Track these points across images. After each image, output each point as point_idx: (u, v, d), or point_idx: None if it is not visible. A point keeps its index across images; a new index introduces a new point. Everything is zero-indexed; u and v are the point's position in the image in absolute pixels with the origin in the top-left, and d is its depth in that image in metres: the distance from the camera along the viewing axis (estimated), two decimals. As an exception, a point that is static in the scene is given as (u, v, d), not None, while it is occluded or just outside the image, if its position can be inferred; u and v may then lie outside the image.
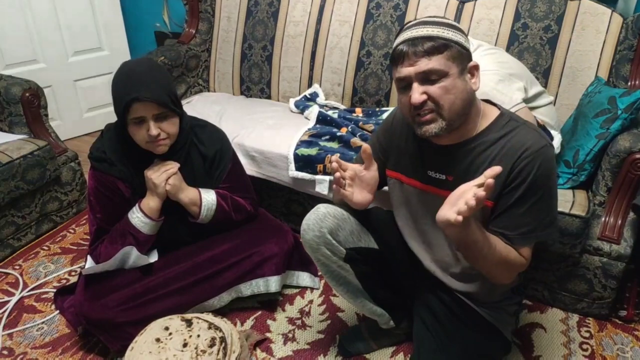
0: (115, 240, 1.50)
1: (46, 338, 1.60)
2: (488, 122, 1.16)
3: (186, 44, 2.54)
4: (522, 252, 1.15)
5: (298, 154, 1.86)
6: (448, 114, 1.07)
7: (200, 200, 1.53)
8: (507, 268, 1.15)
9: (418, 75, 1.06)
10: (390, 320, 1.46)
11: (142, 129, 1.38)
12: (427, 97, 1.06)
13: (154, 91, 1.34)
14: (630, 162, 1.47)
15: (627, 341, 1.54)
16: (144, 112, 1.35)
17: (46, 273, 1.91)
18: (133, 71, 1.37)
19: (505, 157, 1.11)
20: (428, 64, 1.04)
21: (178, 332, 1.39)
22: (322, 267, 1.34)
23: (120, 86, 1.36)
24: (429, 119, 1.08)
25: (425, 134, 1.10)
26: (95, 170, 1.51)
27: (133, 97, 1.32)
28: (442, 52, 1.05)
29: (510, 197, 1.11)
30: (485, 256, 1.09)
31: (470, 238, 1.05)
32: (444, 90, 1.06)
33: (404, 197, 1.32)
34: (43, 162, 2.02)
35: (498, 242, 1.11)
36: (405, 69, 1.07)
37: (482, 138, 1.15)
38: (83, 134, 3.17)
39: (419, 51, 1.04)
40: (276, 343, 1.57)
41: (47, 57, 2.90)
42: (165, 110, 1.38)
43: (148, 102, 1.33)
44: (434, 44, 1.04)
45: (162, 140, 1.41)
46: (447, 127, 1.09)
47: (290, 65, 2.42)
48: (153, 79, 1.37)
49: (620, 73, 1.81)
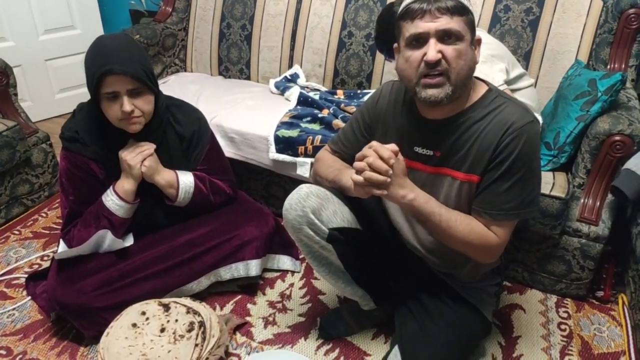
0: (89, 224, 1.46)
1: (17, 325, 1.55)
2: (477, 97, 1.16)
3: (162, 23, 2.48)
4: (497, 230, 1.15)
5: (279, 136, 1.83)
6: (455, 79, 1.06)
7: (178, 182, 1.50)
8: (477, 245, 1.15)
9: (438, 32, 1.03)
10: (372, 301, 1.46)
11: (116, 104, 1.33)
12: (441, 55, 1.04)
13: (128, 65, 1.30)
14: (609, 144, 1.48)
15: (603, 321, 1.57)
16: (117, 87, 1.31)
17: (17, 258, 1.85)
18: (107, 45, 1.33)
19: (491, 132, 1.11)
20: (449, 22, 1.03)
21: (155, 317, 1.37)
22: (304, 248, 1.33)
23: (93, 59, 1.31)
24: (439, 82, 1.06)
25: (431, 98, 1.07)
26: (67, 151, 1.46)
27: (106, 69, 1.27)
28: (463, 15, 1.04)
29: (495, 173, 1.12)
30: (446, 231, 1.13)
31: (423, 208, 1.10)
32: (457, 53, 1.05)
33: None
34: (12, 143, 1.95)
35: (461, 218, 1.14)
36: (425, 23, 1.04)
37: (470, 113, 1.15)
38: (55, 115, 3.08)
39: (442, 7, 1.02)
40: (256, 327, 1.55)
41: (16, 35, 2.80)
42: (139, 86, 1.34)
43: (122, 76, 1.29)
44: (456, 4, 1.03)
45: (136, 117, 1.36)
46: (452, 94, 1.07)
47: (270, 45, 2.37)
48: (128, 52, 1.33)
49: (599, 56, 1.82)
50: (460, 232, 1.13)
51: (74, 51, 3.02)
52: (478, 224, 1.15)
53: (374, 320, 1.53)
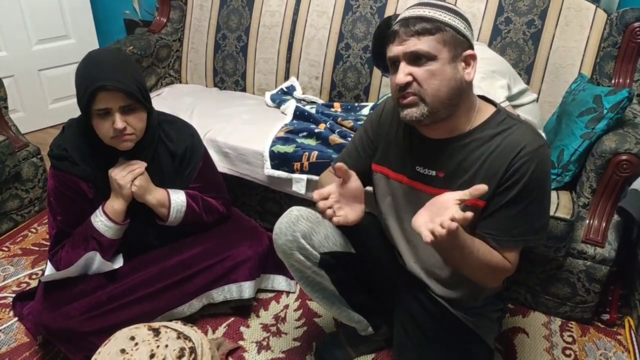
0: (77, 245, 1.42)
1: (2, 348, 1.52)
2: (483, 119, 1.12)
3: (157, 33, 2.45)
4: (508, 256, 1.11)
5: (274, 151, 1.79)
6: (431, 99, 1.04)
7: (169, 201, 1.46)
8: (491, 272, 1.12)
9: (406, 55, 1.04)
10: (369, 326, 1.42)
11: (107, 121, 1.30)
12: (412, 78, 1.04)
13: (121, 81, 1.26)
14: (616, 163, 1.44)
15: (609, 346, 1.53)
16: (110, 103, 1.27)
17: (5, 276, 1.82)
18: (100, 60, 1.30)
19: (500, 155, 1.08)
20: (416, 44, 1.02)
21: (145, 342, 1.32)
22: (296, 274, 1.30)
23: (85, 74, 1.28)
24: (410, 101, 1.06)
25: (407, 117, 1.07)
26: (56, 170, 1.42)
27: (99, 85, 1.24)
28: (434, 34, 1.02)
29: (504, 197, 1.08)
30: (467, 260, 1.07)
31: (451, 243, 1.02)
32: (429, 74, 1.03)
33: (389, 193, 1.28)
34: (1, 158, 1.92)
35: (481, 246, 1.08)
36: (395, 47, 1.05)
37: (477, 134, 1.11)
38: (48, 126, 3.05)
39: (409, 31, 1.03)
40: (249, 352, 1.51)
41: (8, 44, 2.76)
42: (132, 102, 1.30)
43: (115, 92, 1.26)
44: (426, 25, 1.02)
45: (127, 135, 1.32)
46: (430, 114, 1.05)
47: (266, 57, 2.35)
48: (122, 68, 1.30)
49: (604, 70, 1.78)
50: (481, 261, 1.08)
51: (67, 61, 2.98)
52: (496, 252, 1.11)
53: (372, 346, 1.49)
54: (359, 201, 1.18)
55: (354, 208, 1.16)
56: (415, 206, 1.11)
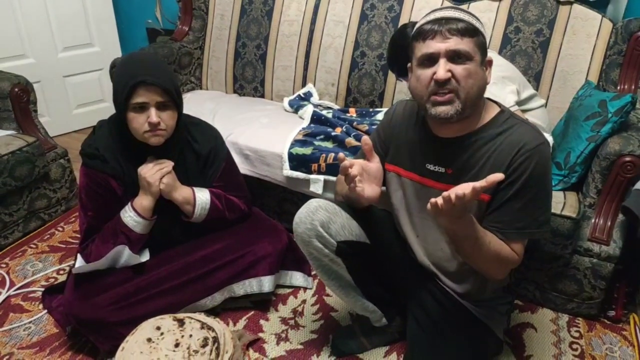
0: (107, 239, 1.48)
1: (33, 338, 1.57)
2: (489, 118, 1.19)
3: (179, 41, 2.52)
4: (515, 248, 1.17)
5: (292, 153, 1.85)
6: (465, 98, 1.10)
7: (194, 199, 1.52)
8: (500, 264, 1.18)
9: (448, 52, 1.08)
10: (383, 317, 1.47)
11: (143, 116, 1.37)
12: (451, 75, 1.08)
13: (160, 77, 1.34)
14: (620, 164, 1.49)
15: (615, 341, 1.57)
16: (147, 98, 1.35)
17: (34, 272, 1.88)
18: (140, 59, 1.39)
19: (502, 152, 1.14)
20: (459, 43, 1.07)
21: (170, 332, 1.38)
22: (313, 261, 1.34)
23: (125, 71, 1.36)
24: (448, 99, 1.10)
25: (441, 114, 1.11)
26: (87, 168, 1.49)
27: (140, 80, 1.32)
28: (473, 36, 1.09)
29: (507, 192, 1.14)
30: (479, 252, 1.12)
31: (463, 232, 1.08)
32: (467, 73, 1.08)
33: (401, 190, 1.34)
34: (32, 159, 1.99)
35: (492, 239, 1.13)
36: (436, 44, 1.08)
37: (483, 133, 1.18)
38: (72, 130, 3.13)
39: (452, 29, 1.07)
40: (269, 343, 1.56)
41: (36, 52, 2.86)
42: (167, 100, 1.38)
43: (153, 87, 1.33)
44: (467, 26, 1.08)
45: (160, 130, 1.39)
46: (461, 111, 1.11)
47: (284, 65, 2.42)
48: (160, 67, 1.38)
49: (609, 77, 1.84)
50: (492, 252, 1.13)
51: (91, 68, 3.08)
52: (505, 245, 1.16)
53: (386, 338, 1.53)
54: (377, 183, 1.26)
55: (371, 187, 1.24)
56: (425, 202, 1.17)
